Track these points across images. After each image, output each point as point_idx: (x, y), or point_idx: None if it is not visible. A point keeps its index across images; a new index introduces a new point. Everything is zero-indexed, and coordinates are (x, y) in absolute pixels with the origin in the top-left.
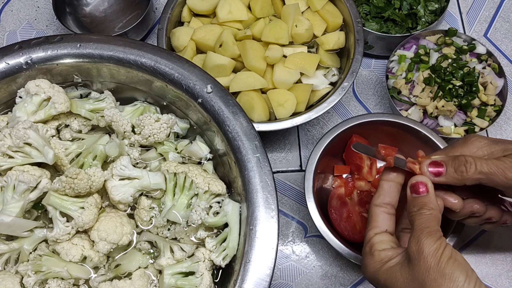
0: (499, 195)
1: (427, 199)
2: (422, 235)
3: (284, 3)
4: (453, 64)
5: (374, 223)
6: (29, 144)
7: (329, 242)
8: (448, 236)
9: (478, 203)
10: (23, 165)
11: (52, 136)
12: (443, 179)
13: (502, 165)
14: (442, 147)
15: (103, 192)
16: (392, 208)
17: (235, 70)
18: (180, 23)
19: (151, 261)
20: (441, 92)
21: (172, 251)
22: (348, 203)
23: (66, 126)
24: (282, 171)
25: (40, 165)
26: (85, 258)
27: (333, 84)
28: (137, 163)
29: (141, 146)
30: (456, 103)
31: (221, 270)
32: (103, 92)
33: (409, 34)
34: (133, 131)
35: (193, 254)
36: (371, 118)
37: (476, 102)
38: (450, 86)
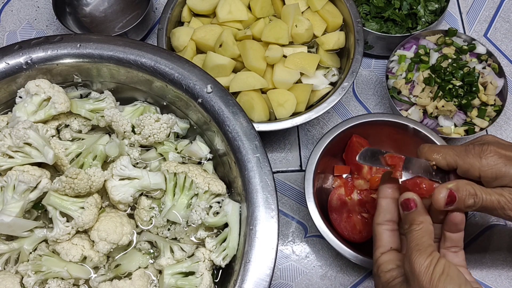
0: None
1: (415, 214)
2: (413, 254)
3: (284, 3)
4: (453, 64)
5: (379, 243)
6: (29, 144)
7: (329, 242)
8: None
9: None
10: (23, 165)
11: (52, 136)
12: (452, 208)
13: (505, 203)
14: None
15: (103, 192)
16: (394, 224)
17: (235, 70)
18: (180, 23)
19: (151, 261)
20: (441, 92)
21: (172, 251)
22: (348, 203)
23: (66, 126)
24: (282, 171)
25: (40, 165)
26: (85, 258)
27: (333, 84)
28: (137, 163)
29: (141, 146)
30: (456, 103)
31: (221, 270)
32: (103, 92)
33: (409, 34)
34: (133, 131)
35: (193, 254)
36: (371, 118)
37: (476, 102)
38: (450, 86)
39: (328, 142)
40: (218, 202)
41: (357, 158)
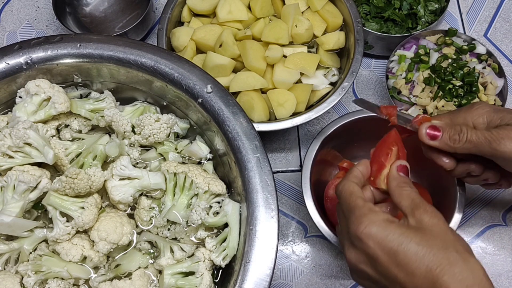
0: None
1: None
2: (431, 207)
3: (284, 3)
4: (453, 64)
5: (361, 194)
6: (29, 144)
7: (326, 236)
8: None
9: (475, 164)
10: (23, 165)
11: (52, 136)
12: (437, 143)
13: (490, 136)
14: None
15: (103, 192)
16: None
17: (235, 70)
18: (180, 23)
19: (151, 261)
20: (441, 92)
21: (172, 251)
22: None
23: (66, 126)
24: (282, 171)
25: (40, 165)
26: (85, 258)
27: (333, 84)
28: (137, 163)
29: (141, 146)
30: (456, 103)
31: (221, 270)
32: (103, 92)
33: (409, 34)
34: (133, 131)
35: (193, 254)
36: (370, 114)
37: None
38: (450, 86)
39: (325, 137)
40: (218, 202)
41: (353, 101)
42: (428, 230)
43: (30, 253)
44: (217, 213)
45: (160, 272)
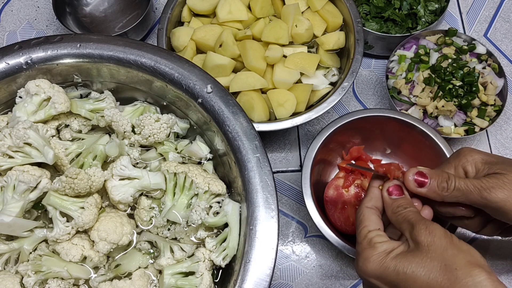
0: None
1: (409, 200)
2: (428, 222)
3: (284, 3)
4: (453, 64)
5: (368, 222)
6: (29, 144)
7: (326, 236)
8: None
9: (464, 208)
10: (23, 165)
11: (52, 136)
12: (424, 190)
13: (480, 184)
14: (441, 144)
15: (103, 192)
16: (380, 213)
17: (235, 70)
18: (180, 23)
19: (151, 261)
20: (441, 92)
21: (172, 251)
22: (344, 194)
23: (66, 126)
24: (282, 171)
25: (40, 165)
26: (85, 258)
27: (333, 84)
28: (137, 163)
29: (141, 146)
30: (456, 103)
31: (221, 270)
32: (103, 92)
33: (409, 34)
34: (133, 131)
35: (193, 254)
36: (369, 114)
37: (476, 102)
38: (450, 86)
39: (325, 137)
40: (218, 202)
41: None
42: (425, 251)
43: (30, 253)
44: (217, 213)
45: (160, 272)
